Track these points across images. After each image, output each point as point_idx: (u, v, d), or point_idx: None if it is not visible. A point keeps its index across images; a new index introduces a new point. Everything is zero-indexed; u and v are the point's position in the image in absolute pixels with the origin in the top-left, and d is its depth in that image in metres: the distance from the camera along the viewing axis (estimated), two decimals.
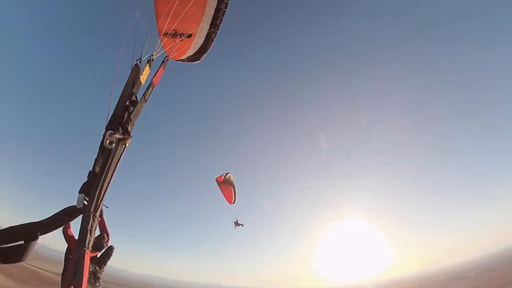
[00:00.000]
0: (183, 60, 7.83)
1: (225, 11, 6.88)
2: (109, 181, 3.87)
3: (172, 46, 6.25)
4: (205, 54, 7.84)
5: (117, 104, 4.59)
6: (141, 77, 4.95)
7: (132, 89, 4.69)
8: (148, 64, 5.14)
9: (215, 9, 6.73)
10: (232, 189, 15.26)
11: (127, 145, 4.16)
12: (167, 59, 5.48)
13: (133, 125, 4.36)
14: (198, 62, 8.09)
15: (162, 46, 6.06)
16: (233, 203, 15.80)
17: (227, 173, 15.41)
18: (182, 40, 6.61)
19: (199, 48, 7.59)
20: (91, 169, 3.87)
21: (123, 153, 4.15)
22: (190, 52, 7.64)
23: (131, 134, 4.31)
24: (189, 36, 6.82)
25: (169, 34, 6.24)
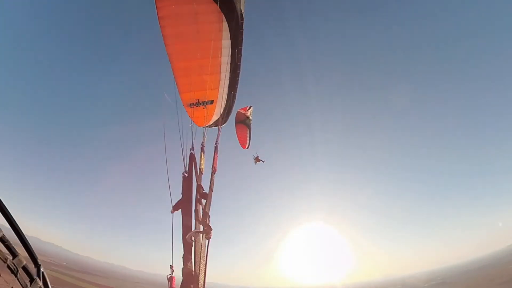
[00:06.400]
0: (210, 126, 8.08)
1: (239, 72, 7.27)
2: (204, 275, 4.37)
3: (203, 116, 6.55)
4: (230, 115, 8.08)
5: (184, 199, 4.82)
6: (201, 167, 5.13)
7: (197, 181, 4.95)
8: (202, 152, 5.38)
9: (230, 72, 7.13)
10: (248, 131, 13.40)
11: (211, 237, 4.52)
12: (218, 144, 5.70)
13: (209, 217, 4.70)
14: (225, 124, 8.28)
15: (189, 116, 6.32)
16: (247, 148, 13.92)
17: (250, 106, 13.52)
18: (205, 107, 6.91)
19: (222, 111, 7.85)
20: (183, 267, 4.44)
21: (209, 245, 4.53)
22: (215, 117, 7.94)
23: (211, 226, 4.65)
24: (211, 102, 7.13)
25: (193, 104, 6.59)
